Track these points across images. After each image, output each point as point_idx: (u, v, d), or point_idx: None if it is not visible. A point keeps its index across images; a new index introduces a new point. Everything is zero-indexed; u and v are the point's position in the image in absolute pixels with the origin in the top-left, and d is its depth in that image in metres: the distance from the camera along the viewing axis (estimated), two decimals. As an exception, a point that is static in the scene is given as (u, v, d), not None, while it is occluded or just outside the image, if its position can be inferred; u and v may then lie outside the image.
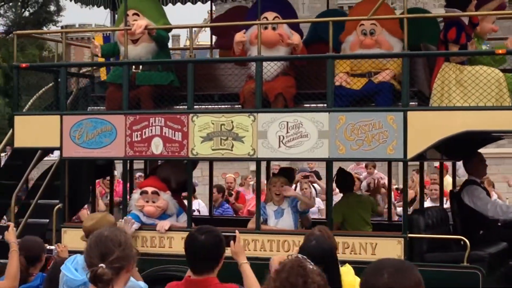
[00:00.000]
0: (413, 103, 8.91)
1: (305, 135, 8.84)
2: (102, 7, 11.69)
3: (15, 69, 10.05)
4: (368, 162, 14.34)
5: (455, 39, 8.80)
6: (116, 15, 12.17)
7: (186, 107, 9.49)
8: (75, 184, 10.84)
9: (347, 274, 5.80)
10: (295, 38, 9.47)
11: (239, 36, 9.33)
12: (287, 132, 8.89)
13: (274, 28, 9.56)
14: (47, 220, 10.93)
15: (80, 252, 9.11)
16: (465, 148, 9.95)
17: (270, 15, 9.67)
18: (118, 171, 15.80)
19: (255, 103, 9.13)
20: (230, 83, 9.88)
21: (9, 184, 10.75)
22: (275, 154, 8.98)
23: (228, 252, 5.33)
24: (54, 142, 9.75)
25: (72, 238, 9.64)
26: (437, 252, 8.66)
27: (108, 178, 12.68)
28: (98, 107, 10.25)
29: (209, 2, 11.42)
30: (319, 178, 15.33)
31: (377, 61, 9.12)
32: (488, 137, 10.28)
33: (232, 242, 5.62)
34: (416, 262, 8.44)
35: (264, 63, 9.29)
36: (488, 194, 9.83)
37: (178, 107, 9.57)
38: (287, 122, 8.89)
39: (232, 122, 9.08)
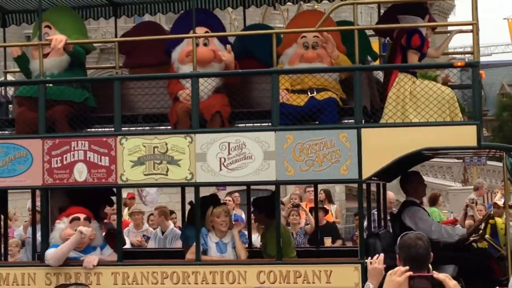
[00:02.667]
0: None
1: (249, 156, 7.92)
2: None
3: None
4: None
5: (419, 46, 8.24)
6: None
7: (108, 129, 8.55)
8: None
9: None
10: (227, 55, 8.66)
11: None
12: (229, 153, 7.95)
13: (205, 44, 8.64)
14: None
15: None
16: (395, 168, 9.37)
17: (200, 30, 8.67)
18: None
19: (191, 123, 8.21)
20: (154, 103, 8.87)
21: None
22: (217, 178, 8.01)
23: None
24: None
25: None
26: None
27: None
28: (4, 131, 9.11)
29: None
30: None
31: (320, 77, 8.42)
32: (420, 157, 9.75)
33: None
34: (375, 290, 7.78)
35: (201, 80, 8.43)
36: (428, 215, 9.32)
37: (102, 129, 8.56)
38: (229, 143, 7.96)
39: (166, 144, 8.06)
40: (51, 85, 8.61)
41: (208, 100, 8.32)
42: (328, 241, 12.01)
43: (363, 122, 8.12)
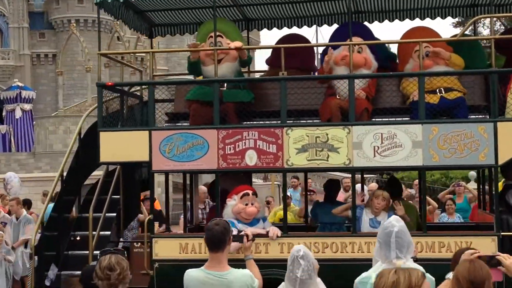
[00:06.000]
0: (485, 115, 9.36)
1: (399, 145, 8.80)
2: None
3: (99, 87, 9.75)
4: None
5: None
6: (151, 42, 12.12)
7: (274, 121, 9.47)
8: (128, 196, 10.68)
9: None
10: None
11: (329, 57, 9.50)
12: (382, 142, 8.83)
13: (359, 52, 9.56)
14: (109, 233, 10.69)
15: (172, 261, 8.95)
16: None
17: (355, 39, 9.55)
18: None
19: (342, 117, 9.19)
20: (303, 100, 9.88)
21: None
22: (371, 163, 8.86)
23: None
24: (142, 156, 9.34)
25: (163, 247, 9.47)
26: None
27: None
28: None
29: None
30: None
31: (445, 78, 9.47)
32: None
33: None
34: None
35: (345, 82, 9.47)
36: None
37: (269, 121, 9.56)
38: (382, 134, 8.84)
39: (327, 134, 8.91)
40: (225, 89, 9.50)
41: (356, 99, 9.33)
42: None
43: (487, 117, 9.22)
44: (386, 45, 11.12)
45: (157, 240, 9.40)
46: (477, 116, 9.29)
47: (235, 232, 9.03)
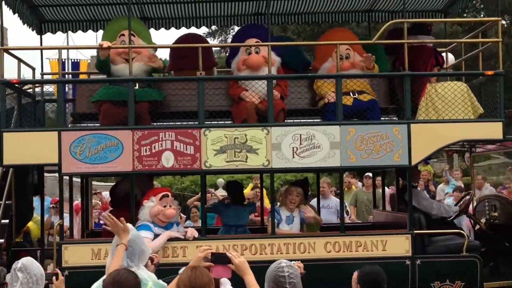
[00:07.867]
0: (394, 117, 9.65)
1: (317, 146, 8.88)
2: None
3: (1, 85, 9.06)
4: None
5: (443, 63, 9.67)
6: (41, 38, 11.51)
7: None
8: (20, 200, 10.11)
9: None
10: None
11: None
12: (301, 143, 8.84)
13: (257, 52, 9.56)
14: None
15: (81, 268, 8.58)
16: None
17: (251, 41, 9.62)
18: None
19: (258, 118, 9.09)
20: (216, 101, 9.69)
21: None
22: (289, 164, 8.80)
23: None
24: (50, 158, 8.82)
25: (73, 254, 8.98)
26: (434, 245, 9.29)
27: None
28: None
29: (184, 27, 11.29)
30: None
31: (358, 82, 9.64)
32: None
33: None
34: (420, 255, 9.02)
35: (260, 82, 9.43)
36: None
37: (186, 122, 9.29)
38: (300, 135, 8.85)
39: (245, 135, 8.77)
40: (137, 88, 9.08)
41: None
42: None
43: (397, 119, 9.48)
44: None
45: (66, 246, 8.90)
46: (385, 118, 9.52)
47: (151, 236, 8.77)
